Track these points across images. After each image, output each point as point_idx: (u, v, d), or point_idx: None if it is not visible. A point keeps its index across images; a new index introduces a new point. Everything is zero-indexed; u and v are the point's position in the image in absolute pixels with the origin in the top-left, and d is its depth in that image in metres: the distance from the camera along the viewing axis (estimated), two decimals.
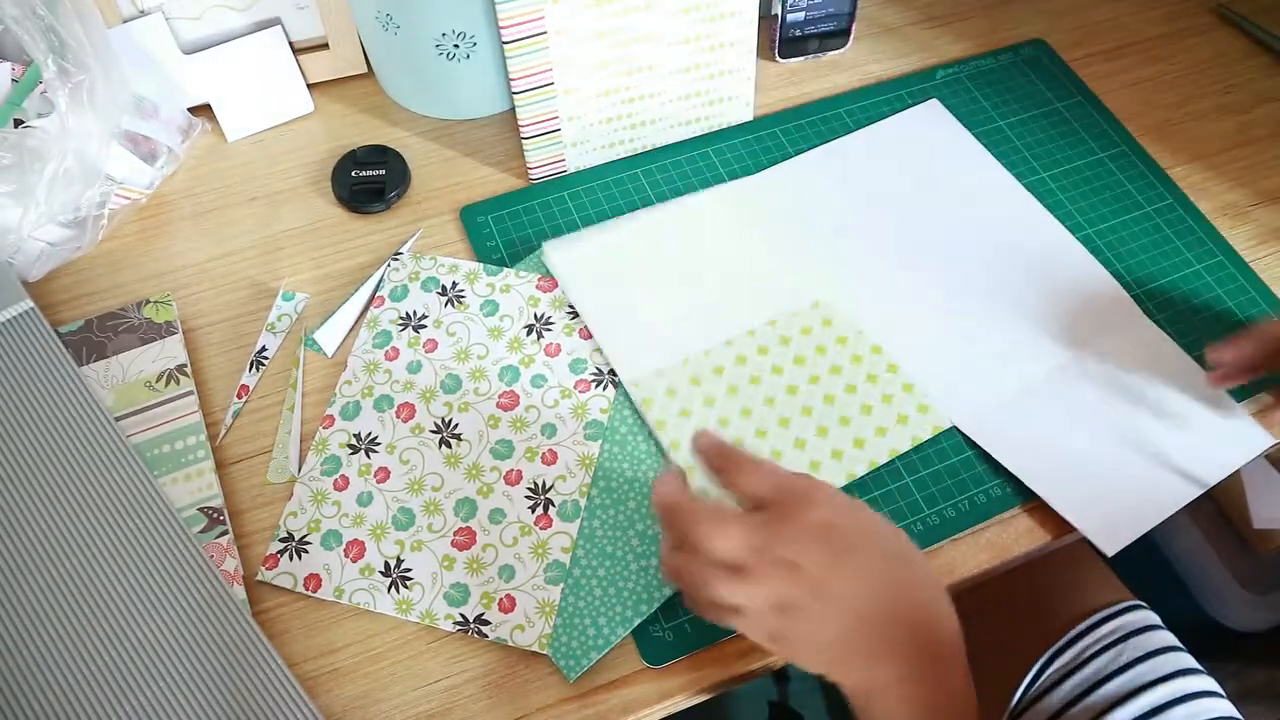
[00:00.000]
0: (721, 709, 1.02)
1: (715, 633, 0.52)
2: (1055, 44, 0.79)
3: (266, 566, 0.54)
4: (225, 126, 0.72)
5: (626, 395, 0.59)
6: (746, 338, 0.60)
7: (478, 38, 0.68)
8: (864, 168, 0.70)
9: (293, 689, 0.49)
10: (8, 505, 0.54)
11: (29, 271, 0.63)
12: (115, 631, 0.50)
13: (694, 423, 0.57)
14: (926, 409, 0.57)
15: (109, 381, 0.59)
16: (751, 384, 0.58)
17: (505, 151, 0.72)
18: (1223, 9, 0.82)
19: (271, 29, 0.71)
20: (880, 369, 0.59)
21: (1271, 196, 0.70)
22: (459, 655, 0.52)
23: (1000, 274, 0.65)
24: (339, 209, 0.69)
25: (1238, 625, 0.91)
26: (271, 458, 0.58)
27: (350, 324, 0.63)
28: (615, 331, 0.60)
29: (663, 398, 0.58)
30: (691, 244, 0.65)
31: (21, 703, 0.48)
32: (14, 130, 0.59)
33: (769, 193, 0.68)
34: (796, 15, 0.75)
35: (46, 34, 0.58)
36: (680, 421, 0.57)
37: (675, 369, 0.59)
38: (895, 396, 0.58)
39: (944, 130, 0.72)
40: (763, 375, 0.59)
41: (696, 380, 0.58)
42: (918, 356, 0.60)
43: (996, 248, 0.66)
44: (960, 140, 0.72)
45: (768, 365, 0.59)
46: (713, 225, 0.66)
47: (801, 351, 0.59)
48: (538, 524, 0.55)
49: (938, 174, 0.70)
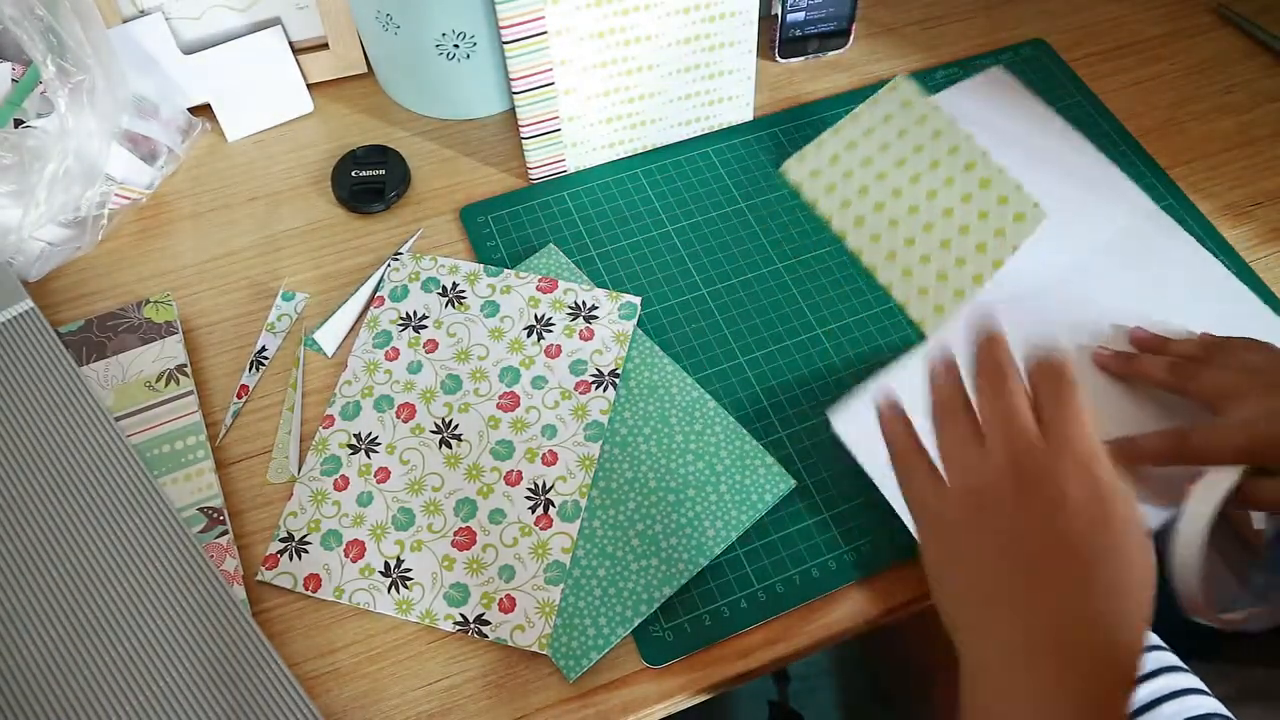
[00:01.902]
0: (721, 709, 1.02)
1: (715, 633, 0.52)
2: (1055, 44, 0.79)
3: (266, 566, 0.54)
4: (225, 126, 0.72)
5: (627, 395, 0.59)
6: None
7: (478, 38, 0.68)
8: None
9: (293, 689, 0.49)
10: (8, 505, 0.54)
11: (29, 271, 0.63)
12: (115, 632, 0.50)
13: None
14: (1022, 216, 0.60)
15: (109, 381, 0.59)
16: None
17: (505, 151, 0.72)
18: (1223, 9, 0.82)
19: (271, 29, 0.71)
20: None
21: (1271, 196, 0.70)
22: (459, 655, 0.52)
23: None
24: (339, 209, 0.69)
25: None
26: (271, 458, 0.58)
27: (350, 324, 0.63)
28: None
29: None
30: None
31: (22, 703, 0.48)
32: (14, 130, 0.59)
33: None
34: (796, 15, 0.75)
35: (46, 34, 0.58)
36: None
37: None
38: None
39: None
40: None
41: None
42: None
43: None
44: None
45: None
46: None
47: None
48: (538, 524, 0.55)
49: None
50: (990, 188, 0.61)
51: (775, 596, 0.54)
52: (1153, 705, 0.48)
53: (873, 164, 0.65)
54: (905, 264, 0.63)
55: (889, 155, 0.65)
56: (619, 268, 0.66)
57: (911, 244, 0.63)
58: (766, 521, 0.56)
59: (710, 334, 0.63)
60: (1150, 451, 0.53)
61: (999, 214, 0.61)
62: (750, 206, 0.69)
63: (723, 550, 0.54)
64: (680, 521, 0.55)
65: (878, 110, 0.66)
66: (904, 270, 0.63)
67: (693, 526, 0.55)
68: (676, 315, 0.64)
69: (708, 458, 0.57)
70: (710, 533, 0.54)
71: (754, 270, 0.66)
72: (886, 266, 0.64)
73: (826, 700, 1.04)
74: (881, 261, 0.64)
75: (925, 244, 0.63)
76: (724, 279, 0.66)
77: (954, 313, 0.61)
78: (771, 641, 0.53)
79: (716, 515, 0.55)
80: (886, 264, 0.64)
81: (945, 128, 0.63)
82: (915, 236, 0.63)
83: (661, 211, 0.69)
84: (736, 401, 0.60)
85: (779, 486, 0.56)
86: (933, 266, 0.62)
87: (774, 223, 0.68)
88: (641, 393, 0.60)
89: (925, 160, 0.64)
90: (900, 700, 0.83)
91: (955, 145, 0.63)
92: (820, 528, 0.56)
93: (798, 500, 0.57)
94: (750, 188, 0.70)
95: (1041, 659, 0.38)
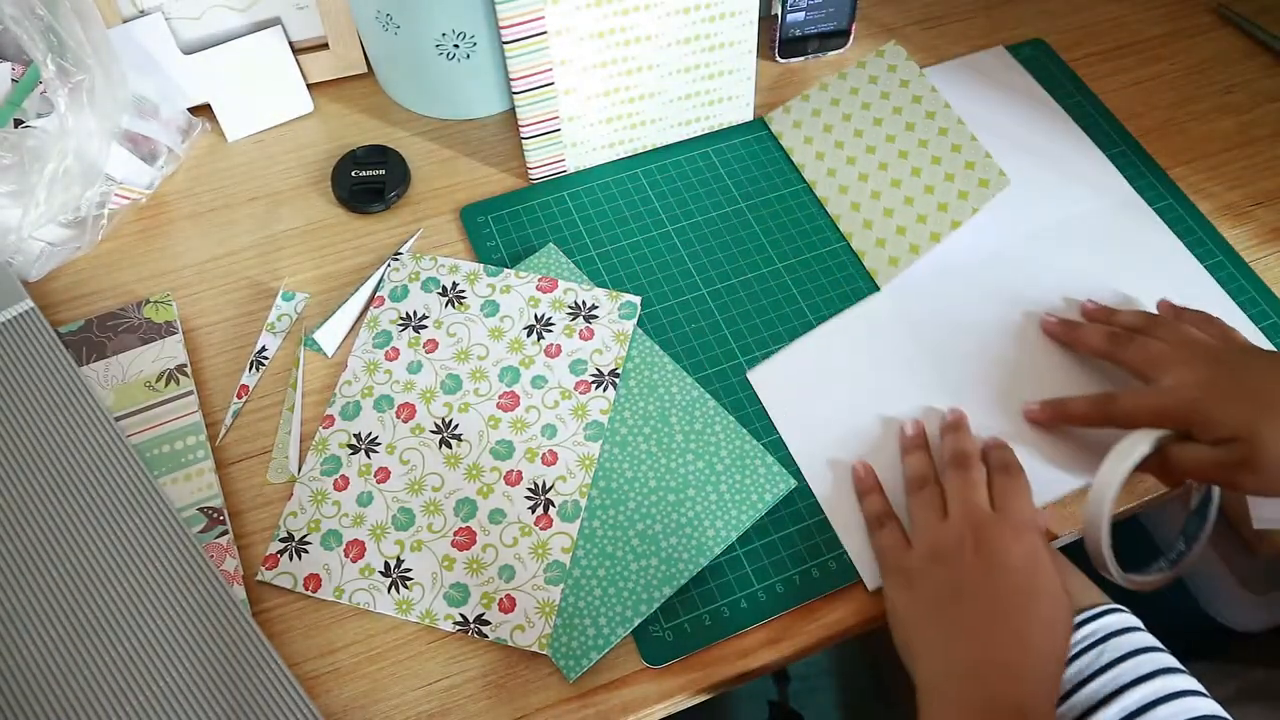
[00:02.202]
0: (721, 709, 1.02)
1: (715, 633, 0.52)
2: (1055, 44, 0.79)
3: (266, 566, 0.54)
4: (225, 126, 0.72)
5: (627, 395, 0.59)
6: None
7: (478, 38, 0.67)
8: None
9: (293, 689, 0.49)
10: (8, 505, 0.54)
11: (29, 271, 0.63)
12: (115, 632, 0.50)
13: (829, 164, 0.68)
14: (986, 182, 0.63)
15: (109, 381, 0.59)
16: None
17: (505, 151, 0.72)
18: (1223, 9, 0.82)
19: (271, 29, 0.71)
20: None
21: (1271, 196, 0.70)
22: (459, 655, 0.52)
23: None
24: (339, 209, 0.69)
25: (1237, 625, 0.91)
26: (271, 458, 0.58)
27: (350, 324, 0.63)
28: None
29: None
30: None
31: (22, 703, 0.48)
32: (14, 130, 0.59)
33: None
34: (796, 15, 0.75)
35: (45, 34, 0.58)
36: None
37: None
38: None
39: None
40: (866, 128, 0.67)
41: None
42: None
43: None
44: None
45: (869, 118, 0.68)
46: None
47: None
48: (538, 524, 0.55)
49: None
50: (960, 152, 0.64)
51: (775, 596, 0.54)
52: (1149, 708, 0.48)
53: (851, 120, 0.68)
54: (868, 216, 0.66)
55: (868, 114, 0.68)
56: (619, 268, 0.66)
57: (877, 197, 0.66)
58: (766, 521, 0.56)
59: (710, 334, 0.63)
60: (1079, 414, 0.57)
61: (965, 177, 0.63)
62: (750, 206, 0.69)
63: (723, 550, 0.54)
64: (680, 521, 0.55)
65: (864, 72, 0.69)
66: (865, 222, 0.66)
67: (693, 526, 0.55)
68: (676, 315, 0.64)
69: (708, 458, 0.57)
70: (710, 533, 0.54)
71: (754, 270, 0.66)
72: (850, 216, 0.67)
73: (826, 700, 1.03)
74: (846, 211, 0.67)
75: (890, 199, 0.66)
76: (724, 279, 0.66)
77: (907, 266, 0.64)
78: (771, 641, 0.53)
79: (716, 515, 0.55)
80: (850, 214, 0.67)
81: (925, 94, 0.66)
82: (882, 191, 0.66)
83: (661, 211, 0.69)
84: (736, 401, 0.60)
85: (779, 486, 0.56)
86: (894, 221, 0.65)
87: (774, 223, 0.68)
88: (641, 392, 0.60)
89: (901, 122, 0.67)
90: (900, 700, 0.83)
91: (932, 111, 0.65)
92: (820, 528, 0.56)
93: (798, 500, 0.57)
94: (750, 188, 0.70)
95: (985, 674, 0.46)
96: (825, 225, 0.68)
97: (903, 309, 0.64)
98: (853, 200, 0.66)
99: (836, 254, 0.67)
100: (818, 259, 0.66)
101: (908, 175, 0.65)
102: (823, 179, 0.68)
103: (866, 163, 0.67)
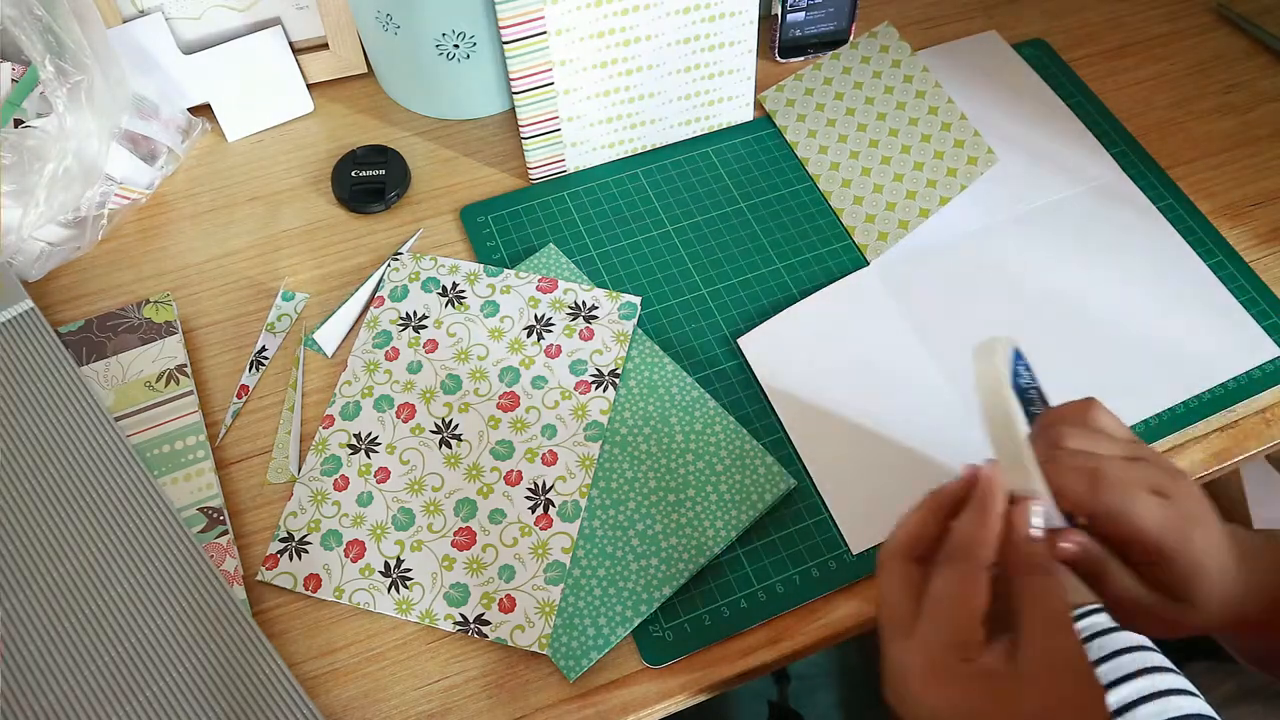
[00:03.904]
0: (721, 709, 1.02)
1: (715, 633, 0.52)
2: (1055, 44, 0.79)
3: (266, 566, 0.54)
4: (225, 126, 0.72)
5: (627, 395, 0.59)
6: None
7: (478, 38, 0.68)
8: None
9: (293, 689, 0.49)
10: (8, 505, 0.54)
11: (29, 271, 0.63)
12: (115, 632, 0.50)
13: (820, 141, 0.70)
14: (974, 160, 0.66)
15: (109, 381, 0.59)
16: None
17: (505, 151, 0.72)
18: (1223, 9, 0.82)
19: (271, 29, 0.71)
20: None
21: (1271, 196, 0.70)
22: (459, 655, 0.52)
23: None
24: (339, 209, 0.69)
25: None
26: (271, 458, 0.58)
27: (350, 324, 0.63)
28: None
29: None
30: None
31: (22, 703, 0.48)
32: (14, 130, 0.59)
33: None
34: (796, 15, 0.75)
35: (44, 34, 0.58)
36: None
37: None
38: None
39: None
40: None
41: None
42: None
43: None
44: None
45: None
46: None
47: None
48: (538, 524, 0.55)
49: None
50: (950, 131, 0.67)
51: (775, 596, 0.54)
52: (1132, 706, 0.48)
53: (843, 99, 0.71)
54: (858, 192, 0.67)
55: (860, 94, 0.70)
56: (619, 268, 0.66)
57: (867, 174, 0.68)
58: (766, 521, 0.56)
59: (710, 334, 0.63)
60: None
61: (954, 155, 0.66)
62: (750, 206, 0.69)
63: (723, 550, 0.54)
64: (680, 521, 0.55)
65: (857, 53, 0.72)
66: (855, 198, 0.67)
67: (693, 526, 0.55)
68: (676, 315, 0.64)
69: (708, 458, 0.57)
70: (710, 533, 0.54)
71: (754, 270, 0.66)
72: (841, 193, 0.68)
73: (826, 700, 1.03)
74: (837, 188, 0.68)
75: (880, 175, 0.68)
76: (724, 279, 0.66)
77: (896, 241, 0.66)
78: (771, 641, 0.53)
79: (716, 515, 0.55)
80: (841, 190, 0.68)
81: (916, 73, 0.69)
82: (872, 168, 0.68)
83: (661, 211, 0.69)
84: (736, 401, 0.60)
85: (779, 486, 0.56)
86: (883, 196, 0.67)
87: (774, 222, 0.68)
88: (641, 393, 0.60)
89: (893, 101, 0.69)
90: None
91: (923, 91, 0.68)
92: (820, 528, 0.56)
93: (798, 500, 0.57)
94: (750, 188, 0.70)
95: None
96: (826, 225, 0.68)
97: (890, 283, 0.64)
98: (844, 177, 0.68)
99: (837, 254, 0.67)
100: (818, 259, 0.66)
101: (898, 153, 0.67)
102: (814, 156, 0.70)
103: (857, 140, 0.69)
